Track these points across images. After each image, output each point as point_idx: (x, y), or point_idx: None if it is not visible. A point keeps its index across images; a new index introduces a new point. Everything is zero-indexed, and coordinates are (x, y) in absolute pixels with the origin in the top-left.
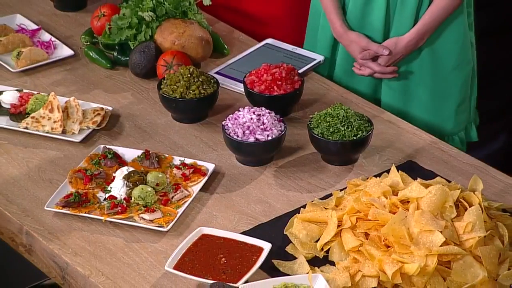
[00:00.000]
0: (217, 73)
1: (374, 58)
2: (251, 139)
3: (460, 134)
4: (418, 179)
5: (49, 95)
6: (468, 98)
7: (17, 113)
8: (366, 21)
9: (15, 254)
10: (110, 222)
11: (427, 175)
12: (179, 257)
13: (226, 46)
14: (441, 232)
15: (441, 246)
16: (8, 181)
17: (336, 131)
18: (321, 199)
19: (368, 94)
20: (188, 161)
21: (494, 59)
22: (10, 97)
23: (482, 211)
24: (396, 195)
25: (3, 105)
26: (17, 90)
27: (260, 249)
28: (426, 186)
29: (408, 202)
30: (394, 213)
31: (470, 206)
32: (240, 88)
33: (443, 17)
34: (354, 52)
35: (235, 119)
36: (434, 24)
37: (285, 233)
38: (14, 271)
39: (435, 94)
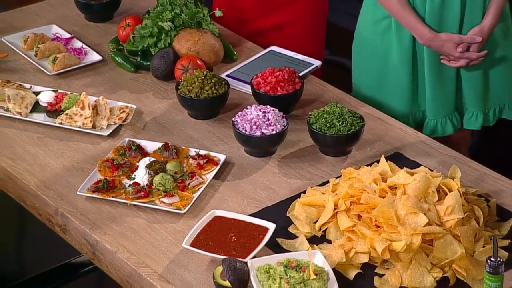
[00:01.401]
0: (227, 76)
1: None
2: (258, 133)
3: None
4: (404, 168)
5: (80, 94)
6: None
7: (53, 110)
8: (444, 19)
9: (52, 233)
10: (134, 205)
11: (412, 165)
12: (195, 235)
13: (235, 53)
14: (424, 214)
15: (424, 226)
16: (45, 169)
17: (332, 126)
18: (319, 185)
19: (450, 97)
20: (202, 152)
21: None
22: (47, 96)
23: (461, 196)
24: (385, 182)
25: (41, 103)
26: (53, 90)
27: (265, 229)
28: (411, 174)
29: (396, 188)
30: (383, 197)
31: (449, 192)
32: (247, 89)
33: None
34: (450, 49)
35: (244, 115)
36: (502, 6)
37: (287, 215)
38: (50, 249)
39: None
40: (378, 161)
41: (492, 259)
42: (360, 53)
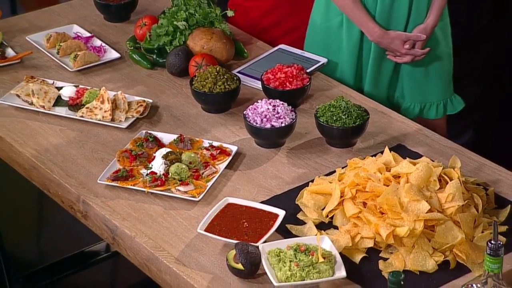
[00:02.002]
0: (239, 72)
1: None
2: (268, 126)
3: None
4: (407, 158)
5: (100, 89)
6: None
7: (74, 104)
8: (392, 18)
9: (69, 223)
10: (151, 193)
11: (414, 156)
12: (209, 221)
13: (245, 50)
14: (426, 201)
15: (426, 213)
16: (67, 159)
17: (338, 119)
18: (326, 175)
19: (387, 82)
20: (215, 143)
21: (462, 68)
22: (68, 91)
23: (460, 185)
24: (389, 171)
25: (63, 98)
26: (74, 85)
27: (276, 216)
28: (414, 164)
29: (399, 177)
30: (387, 186)
31: (450, 181)
32: (258, 84)
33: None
34: (397, 46)
35: (254, 109)
36: (443, 6)
37: (296, 202)
38: (67, 238)
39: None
40: (382, 152)
41: (492, 242)
42: (312, 46)
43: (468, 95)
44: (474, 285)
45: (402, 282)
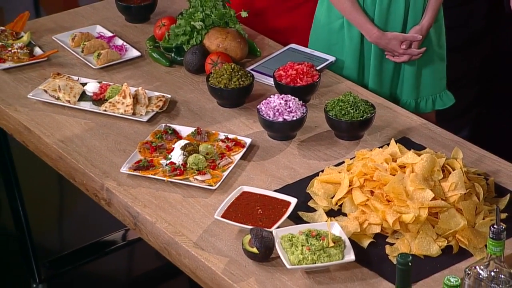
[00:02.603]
0: (252, 69)
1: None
2: (280, 119)
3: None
4: (412, 150)
5: (122, 85)
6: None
7: (98, 99)
8: (389, 20)
9: (87, 213)
10: (171, 182)
11: (418, 148)
12: (225, 208)
13: (258, 49)
14: (430, 190)
15: (430, 200)
16: (92, 150)
17: (346, 113)
18: (335, 165)
19: (390, 80)
20: (230, 136)
21: (459, 70)
22: (92, 87)
23: (463, 174)
24: (395, 161)
25: (87, 93)
26: (97, 82)
27: (288, 203)
28: (419, 155)
29: (405, 167)
30: (393, 175)
31: (453, 171)
32: (270, 81)
33: (441, 1)
34: (395, 46)
35: (267, 103)
36: (438, 8)
37: (307, 191)
38: (86, 227)
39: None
40: (388, 144)
41: (495, 226)
42: (316, 45)
43: (464, 95)
44: (477, 267)
45: (410, 263)
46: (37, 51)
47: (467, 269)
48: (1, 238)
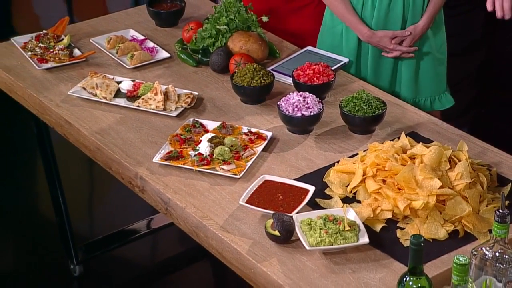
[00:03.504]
0: (272, 69)
1: (400, 43)
2: (299, 115)
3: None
4: (421, 143)
5: (154, 83)
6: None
7: (132, 96)
8: (388, 23)
9: (113, 203)
10: (199, 171)
11: (426, 141)
12: (249, 195)
13: (278, 51)
14: (438, 179)
15: (438, 189)
16: (126, 142)
17: (360, 109)
18: (349, 157)
19: (388, 77)
20: (253, 130)
21: (458, 75)
22: (126, 85)
23: (468, 165)
24: (405, 153)
25: (122, 90)
26: (131, 80)
27: (306, 191)
28: (427, 147)
29: (415, 158)
30: (404, 165)
31: (459, 161)
32: (289, 80)
33: (440, 6)
34: (386, 43)
35: (287, 100)
36: (436, 12)
37: (324, 180)
38: (112, 216)
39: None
40: (398, 138)
41: (500, 210)
42: (323, 46)
43: (462, 98)
44: (483, 248)
45: (422, 244)
46: (76, 52)
47: (473, 250)
48: (42, 224)
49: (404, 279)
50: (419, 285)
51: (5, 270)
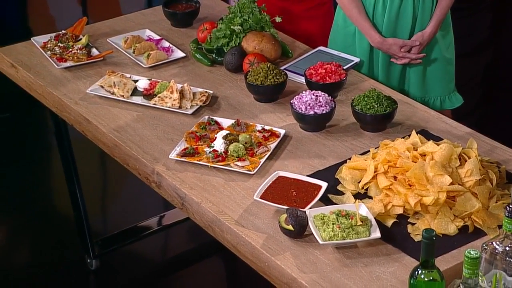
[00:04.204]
0: (285, 69)
1: (408, 50)
2: (311, 113)
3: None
4: (431, 140)
5: (170, 82)
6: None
7: (148, 94)
8: (398, 28)
9: (143, 193)
10: (214, 167)
11: (436, 139)
12: (263, 191)
13: (290, 51)
14: (449, 175)
15: (449, 185)
16: (143, 139)
17: (371, 107)
18: (361, 154)
19: (397, 79)
20: (266, 127)
21: (465, 75)
22: (143, 83)
23: (477, 162)
24: (416, 150)
25: (138, 89)
26: (148, 79)
27: (319, 187)
28: (438, 144)
29: (425, 155)
30: (415, 162)
31: (468, 159)
32: (301, 79)
33: (447, 12)
34: (395, 51)
35: (300, 98)
36: (443, 18)
37: (336, 176)
38: (125, 213)
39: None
40: (409, 135)
41: (510, 206)
42: (335, 46)
43: (469, 98)
44: (493, 242)
45: (434, 238)
46: (94, 51)
47: (484, 245)
48: (60, 219)
49: (416, 272)
50: (431, 278)
51: (25, 264)
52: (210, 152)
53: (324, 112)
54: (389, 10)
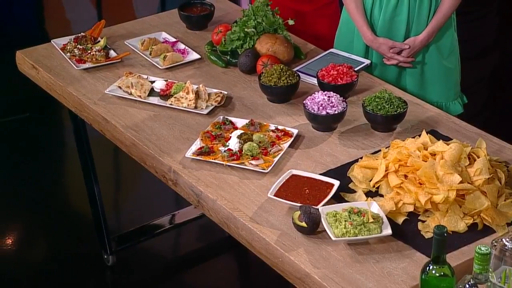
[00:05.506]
0: (297, 70)
1: (399, 53)
2: (323, 113)
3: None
4: (441, 140)
5: (186, 83)
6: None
7: (165, 95)
8: (392, 30)
9: (139, 199)
10: (229, 165)
11: (446, 139)
12: (277, 189)
13: (303, 53)
14: (458, 174)
15: (458, 184)
16: (160, 138)
17: (382, 108)
18: (372, 153)
19: (393, 81)
20: (279, 127)
21: (471, 78)
22: (160, 84)
23: (486, 161)
24: (426, 149)
25: (155, 89)
26: (164, 80)
27: (331, 185)
28: (447, 144)
29: (435, 154)
30: (425, 161)
31: (478, 158)
32: (313, 80)
33: (443, 22)
34: (384, 51)
35: (312, 99)
36: (438, 27)
37: (348, 175)
38: (138, 212)
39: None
40: (419, 135)
41: None
42: (340, 44)
43: (476, 100)
44: (503, 239)
45: (445, 234)
46: (112, 53)
47: (494, 241)
48: (78, 215)
49: (428, 267)
50: (442, 273)
51: (43, 259)
52: (225, 151)
53: (336, 112)
54: (384, 12)
